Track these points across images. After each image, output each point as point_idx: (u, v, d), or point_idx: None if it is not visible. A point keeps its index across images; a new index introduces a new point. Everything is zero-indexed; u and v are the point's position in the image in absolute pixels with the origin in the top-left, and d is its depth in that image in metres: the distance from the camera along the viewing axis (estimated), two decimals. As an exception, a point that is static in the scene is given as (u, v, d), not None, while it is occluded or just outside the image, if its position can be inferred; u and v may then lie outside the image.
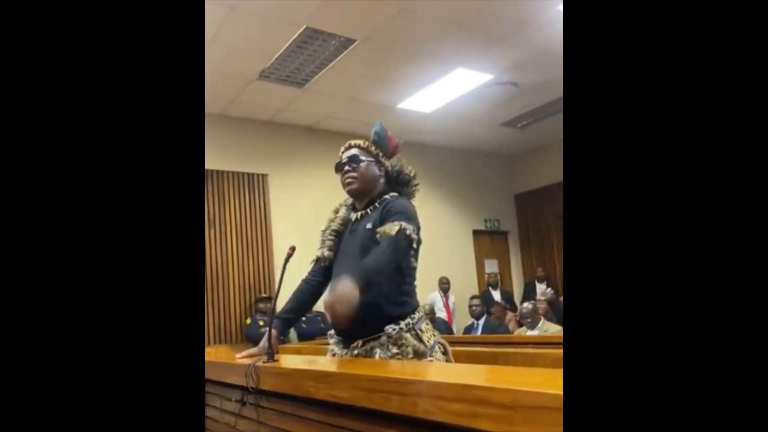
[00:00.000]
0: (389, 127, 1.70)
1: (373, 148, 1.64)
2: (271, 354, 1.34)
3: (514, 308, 5.96)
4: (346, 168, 1.60)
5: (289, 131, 5.78)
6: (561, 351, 1.67)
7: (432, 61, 4.55)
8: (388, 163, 1.64)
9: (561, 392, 0.56)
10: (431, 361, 1.43)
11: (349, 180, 1.60)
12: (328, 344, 1.64)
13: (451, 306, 6.09)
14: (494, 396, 0.63)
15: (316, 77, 4.70)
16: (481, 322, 4.13)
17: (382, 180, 1.63)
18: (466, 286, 6.48)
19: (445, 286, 6.03)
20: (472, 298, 4.41)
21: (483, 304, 4.37)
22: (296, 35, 3.99)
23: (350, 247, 1.57)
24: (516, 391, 0.61)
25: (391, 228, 1.42)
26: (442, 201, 6.65)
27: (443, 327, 4.79)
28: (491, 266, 7.15)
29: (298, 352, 2.54)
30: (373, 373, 0.87)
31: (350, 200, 1.69)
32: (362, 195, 1.61)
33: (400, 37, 4.14)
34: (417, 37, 4.16)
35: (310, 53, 4.30)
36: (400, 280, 1.47)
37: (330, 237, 1.65)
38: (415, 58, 4.47)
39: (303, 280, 1.72)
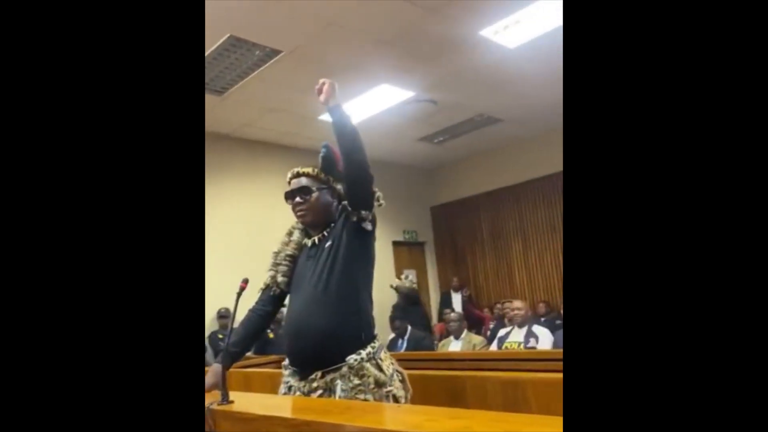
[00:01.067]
0: (310, 137, 1.68)
1: (322, 175, 1.60)
2: (225, 395, 1.27)
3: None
4: (297, 200, 1.55)
5: (206, 140, 5.52)
6: (506, 374, 1.73)
7: (357, 77, 4.58)
8: (340, 186, 1.60)
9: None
10: (390, 392, 1.43)
11: (301, 212, 1.55)
12: (253, 367, 1.58)
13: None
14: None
15: (236, 86, 4.54)
16: (406, 336, 4.20)
17: (335, 204, 1.59)
18: (385, 295, 6.55)
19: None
20: (392, 320, 4.46)
21: (401, 324, 4.38)
22: (219, 43, 3.83)
23: (308, 273, 1.51)
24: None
25: None
26: (361, 213, 6.68)
27: None
28: (409, 276, 7.30)
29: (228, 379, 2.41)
30: (362, 423, 0.85)
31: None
32: (317, 225, 1.57)
33: (327, 52, 4.13)
34: (344, 53, 4.16)
35: (232, 62, 4.15)
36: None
37: (285, 262, 1.59)
38: (340, 72, 4.46)
39: (250, 310, 1.63)
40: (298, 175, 1.59)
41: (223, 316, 5.07)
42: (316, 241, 1.55)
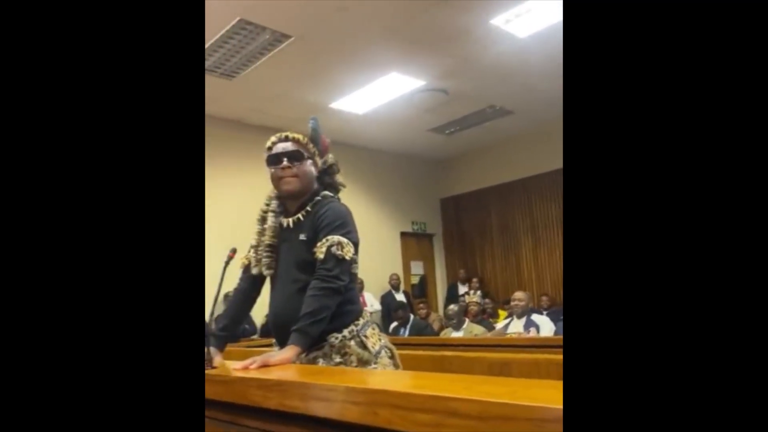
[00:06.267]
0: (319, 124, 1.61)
1: (311, 146, 1.52)
2: (210, 361, 1.29)
3: (412, 309, 5.92)
4: (285, 164, 1.45)
5: (214, 124, 5.55)
6: (494, 354, 1.73)
7: (366, 64, 4.57)
8: (320, 162, 1.54)
9: (530, 403, 0.59)
10: (375, 368, 1.42)
11: (290, 179, 1.45)
12: (253, 348, 1.56)
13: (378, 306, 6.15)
14: (461, 407, 0.64)
15: (246, 70, 4.56)
16: (409, 324, 4.23)
17: (315, 180, 1.52)
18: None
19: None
20: (395, 310, 4.53)
21: (404, 313, 4.46)
22: (229, 26, 3.85)
23: (288, 258, 1.47)
24: (482, 401, 0.63)
25: (323, 246, 1.37)
26: (371, 203, 6.71)
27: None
28: (417, 268, 7.30)
29: (227, 356, 2.44)
30: (329, 381, 0.86)
31: (274, 202, 1.54)
32: (299, 196, 1.49)
33: (335, 37, 4.12)
34: (353, 39, 4.16)
35: (242, 45, 4.17)
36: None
37: (266, 254, 1.51)
38: (349, 59, 4.46)
39: (236, 291, 1.60)
40: (286, 139, 1.50)
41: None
42: (291, 224, 1.48)
